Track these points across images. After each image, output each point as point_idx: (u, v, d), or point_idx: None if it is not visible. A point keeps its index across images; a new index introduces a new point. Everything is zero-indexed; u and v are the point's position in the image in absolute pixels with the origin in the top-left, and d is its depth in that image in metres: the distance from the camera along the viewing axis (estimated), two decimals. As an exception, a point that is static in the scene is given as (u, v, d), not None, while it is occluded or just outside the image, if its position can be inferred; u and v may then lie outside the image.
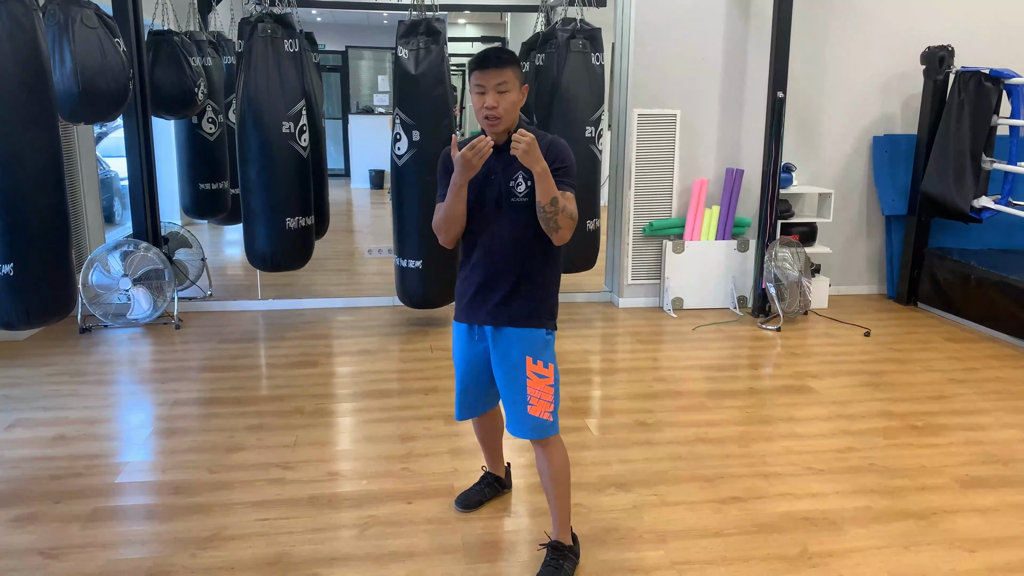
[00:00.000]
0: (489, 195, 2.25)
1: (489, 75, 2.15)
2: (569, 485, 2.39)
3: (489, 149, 2.12)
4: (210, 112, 5.73)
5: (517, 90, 2.19)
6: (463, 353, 2.44)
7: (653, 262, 5.51)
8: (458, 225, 2.30)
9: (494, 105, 2.16)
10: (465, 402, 2.52)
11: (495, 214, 2.26)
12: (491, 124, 2.20)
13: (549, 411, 2.30)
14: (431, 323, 5.08)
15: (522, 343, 2.29)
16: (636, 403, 3.76)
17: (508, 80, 2.15)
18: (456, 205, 2.24)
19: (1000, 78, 5.02)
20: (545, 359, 2.30)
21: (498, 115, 2.17)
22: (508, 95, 2.17)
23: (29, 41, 3.07)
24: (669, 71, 5.29)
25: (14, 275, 3.16)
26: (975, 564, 2.47)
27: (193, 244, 5.54)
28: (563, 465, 2.36)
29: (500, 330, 2.32)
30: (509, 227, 2.25)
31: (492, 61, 2.15)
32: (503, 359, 2.33)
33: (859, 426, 3.52)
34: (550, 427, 2.31)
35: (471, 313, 2.36)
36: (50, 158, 3.22)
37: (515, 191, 2.22)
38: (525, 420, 2.30)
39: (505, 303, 2.29)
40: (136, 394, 3.86)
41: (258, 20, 4.38)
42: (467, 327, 2.40)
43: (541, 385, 2.28)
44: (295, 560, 2.45)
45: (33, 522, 2.66)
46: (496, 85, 2.15)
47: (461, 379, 2.49)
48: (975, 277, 4.98)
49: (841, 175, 5.71)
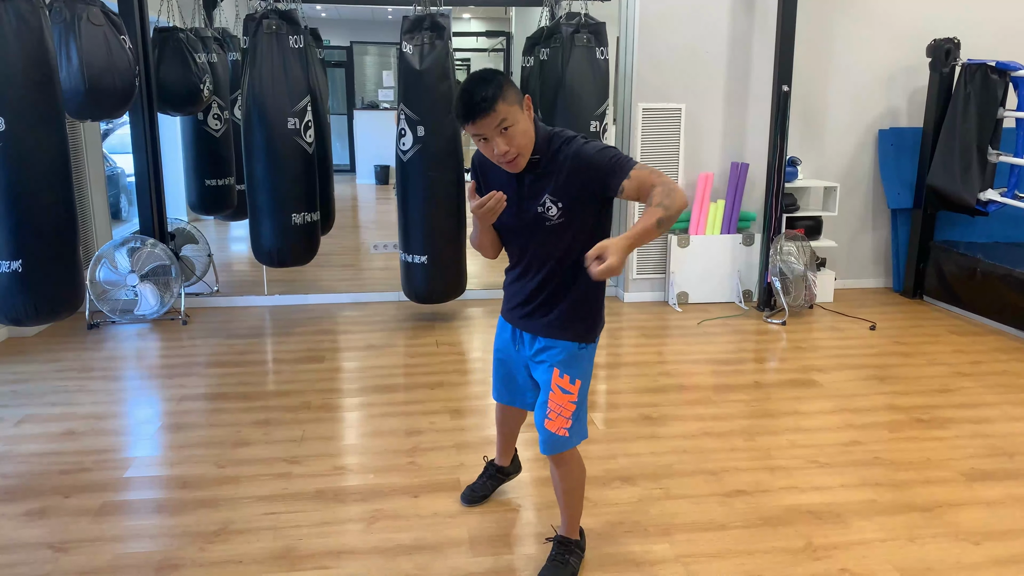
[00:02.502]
0: (524, 218, 2.12)
1: (482, 124, 1.92)
2: (582, 494, 2.35)
3: (502, 205, 2.01)
4: (216, 108, 5.74)
5: (518, 113, 1.96)
6: (504, 350, 2.40)
7: (658, 256, 5.51)
8: (491, 251, 2.24)
9: (506, 149, 1.96)
10: (500, 389, 2.48)
11: (532, 235, 2.13)
12: (514, 166, 2.02)
13: (566, 427, 2.19)
14: (437, 318, 5.09)
15: (554, 354, 2.21)
16: (642, 397, 3.77)
17: (505, 115, 1.92)
18: (483, 237, 2.19)
19: (1007, 70, 5.00)
20: (573, 374, 2.18)
21: (514, 155, 1.98)
22: (514, 128, 1.95)
23: (35, 39, 3.09)
24: (673, 65, 5.28)
25: (23, 271, 3.19)
26: (980, 556, 2.47)
27: (199, 240, 5.56)
28: (576, 480, 2.30)
29: (536, 338, 2.25)
30: (547, 249, 2.12)
31: (479, 108, 1.90)
32: (538, 363, 2.27)
33: (864, 419, 3.52)
34: (564, 443, 2.22)
35: (515, 319, 2.30)
36: (57, 155, 3.24)
37: (547, 215, 2.06)
38: (541, 432, 2.25)
39: (547, 316, 2.20)
40: (144, 389, 3.88)
41: (263, 16, 4.38)
42: (512, 329, 2.34)
43: (563, 400, 2.18)
44: (302, 553, 2.47)
45: (43, 516, 2.68)
46: (495, 128, 1.93)
47: (497, 369, 2.45)
48: (981, 270, 4.97)
49: (847, 169, 5.70)
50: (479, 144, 2.00)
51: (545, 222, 2.07)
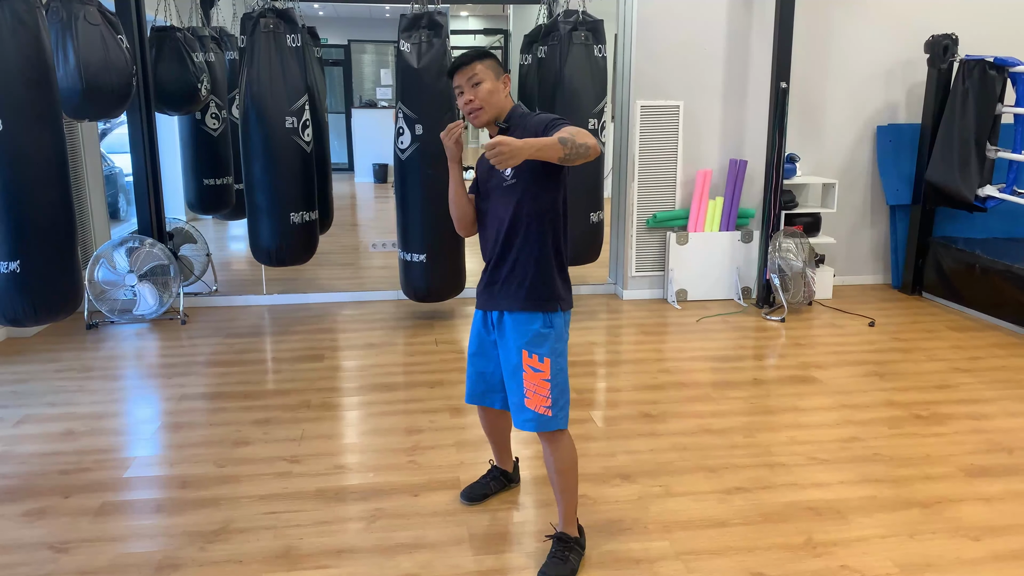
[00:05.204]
0: (491, 184, 2.35)
1: (461, 74, 2.28)
2: (576, 479, 2.40)
3: (459, 129, 2.27)
4: (213, 108, 5.73)
5: (491, 79, 2.29)
6: (477, 340, 2.50)
7: (657, 254, 5.51)
8: (459, 207, 2.41)
9: (471, 98, 2.27)
10: (475, 390, 2.56)
11: (495, 202, 2.34)
12: (475, 117, 2.30)
13: (546, 406, 2.31)
14: (436, 316, 5.09)
15: (519, 335, 2.32)
16: (641, 394, 3.77)
17: (477, 72, 2.26)
18: (451, 187, 2.40)
19: (1005, 66, 4.99)
20: (541, 353, 2.31)
21: (477, 106, 2.27)
22: (482, 85, 2.27)
23: (32, 38, 3.08)
24: (672, 62, 5.28)
25: (21, 272, 3.18)
26: (980, 552, 2.48)
27: (198, 240, 5.55)
28: (569, 460, 2.36)
29: (503, 316, 2.36)
30: (501, 210, 2.32)
31: (460, 61, 2.29)
32: (505, 349, 2.37)
33: (864, 416, 3.53)
34: (549, 421, 2.31)
35: (482, 299, 2.43)
36: (55, 155, 3.23)
37: (503, 175, 2.30)
38: (523, 411, 2.33)
39: (504, 285, 2.34)
40: (143, 389, 3.88)
41: (260, 15, 4.38)
42: (482, 315, 2.46)
43: (536, 379, 2.31)
44: (303, 552, 2.47)
45: (43, 516, 2.68)
46: (468, 80, 2.27)
47: (470, 369, 2.55)
48: (980, 266, 4.97)
49: (845, 165, 5.70)
50: (457, 99, 2.32)
51: (503, 183, 2.31)
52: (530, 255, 2.30)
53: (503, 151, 2.00)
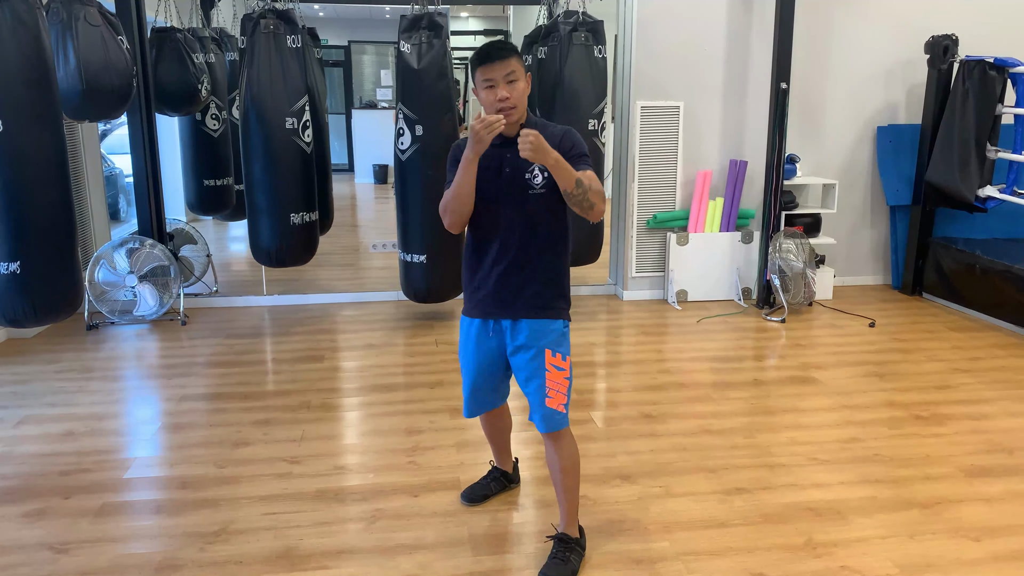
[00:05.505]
0: (506, 189, 2.25)
1: (496, 68, 2.17)
2: (578, 478, 2.40)
3: (500, 124, 2.09)
4: (213, 108, 5.74)
5: (524, 79, 2.23)
6: (474, 349, 2.42)
7: (657, 254, 5.51)
8: (466, 204, 2.24)
9: (507, 96, 2.18)
10: (475, 400, 2.51)
11: (513, 207, 2.26)
12: (507, 116, 2.19)
13: (563, 403, 2.32)
14: (436, 317, 5.09)
15: (542, 335, 2.31)
16: (641, 395, 3.77)
17: (515, 69, 2.19)
18: (465, 181, 2.20)
19: (1005, 67, 4.99)
20: (563, 352, 2.33)
21: (512, 104, 2.19)
22: (518, 84, 2.20)
23: (32, 39, 3.09)
24: (672, 63, 5.28)
25: (21, 273, 3.18)
26: (980, 553, 2.47)
27: (198, 240, 5.56)
28: (573, 459, 2.37)
29: (518, 323, 2.32)
30: (529, 219, 2.26)
31: (497, 54, 2.18)
32: (523, 351, 2.33)
33: (864, 416, 3.53)
34: (562, 420, 2.32)
35: (488, 308, 2.35)
36: (55, 156, 3.24)
37: (532, 183, 2.24)
38: (543, 410, 2.31)
39: (526, 295, 2.30)
40: (143, 390, 3.88)
41: (260, 16, 4.38)
42: (480, 322, 2.39)
43: (559, 378, 2.31)
44: (303, 553, 2.47)
45: (43, 517, 2.68)
46: (505, 76, 2.18)
47: (471, 377, 2.47)
48: (980, 266, 4.97)
49: (845, 165, 5.70)
50: (482, 91, 2.20)
51: (529, 189, 2.24)
52: (555, 265, 2.32)
53: (536, 144, 1.99)
